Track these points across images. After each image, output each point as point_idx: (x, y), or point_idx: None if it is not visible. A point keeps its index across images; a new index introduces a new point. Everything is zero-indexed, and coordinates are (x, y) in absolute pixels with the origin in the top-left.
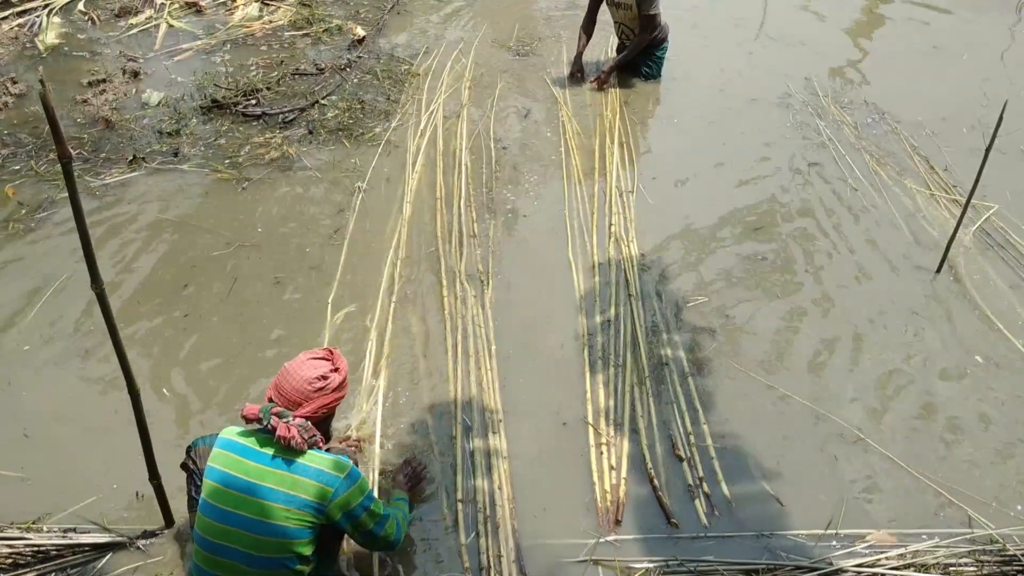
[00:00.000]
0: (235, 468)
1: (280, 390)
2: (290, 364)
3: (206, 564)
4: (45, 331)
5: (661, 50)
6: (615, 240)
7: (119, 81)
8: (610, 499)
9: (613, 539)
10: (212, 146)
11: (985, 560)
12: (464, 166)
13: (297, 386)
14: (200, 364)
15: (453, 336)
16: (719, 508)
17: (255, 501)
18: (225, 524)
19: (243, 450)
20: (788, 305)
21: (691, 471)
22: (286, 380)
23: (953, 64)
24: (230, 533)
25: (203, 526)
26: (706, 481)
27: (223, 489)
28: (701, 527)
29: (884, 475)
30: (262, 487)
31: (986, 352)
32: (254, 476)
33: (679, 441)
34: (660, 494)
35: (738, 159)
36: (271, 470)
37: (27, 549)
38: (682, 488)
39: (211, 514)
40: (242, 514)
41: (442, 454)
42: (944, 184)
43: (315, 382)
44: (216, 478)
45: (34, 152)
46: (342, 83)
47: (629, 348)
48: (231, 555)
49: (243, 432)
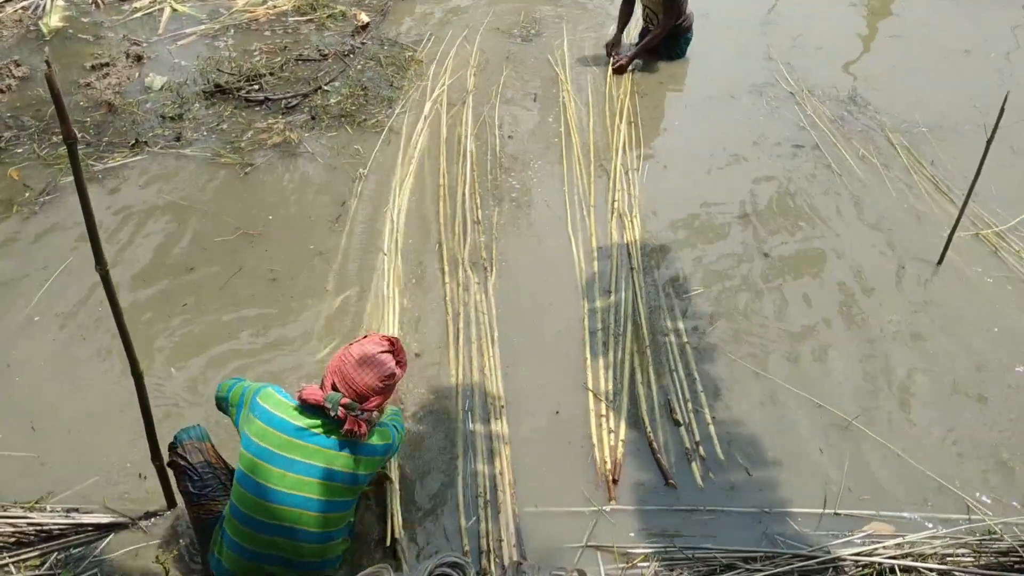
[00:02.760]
0: (292, 451)
1: (348, 381)
2: (358, 354)
3: (248, 541)
4: (49, 312)
5: (685, 40)
6: (619, 222)
7: (122, 65)
8: (609, 467)
9: (611, 508)
10: (215, 131)
11: (983, 551)
12: (469, 153)
13: (370, 383)
14: (199, 347)
15: (455, 322)
16: (714, 471)
17: (318, 483)
18: (282, 504)
19: (301, 433)
20: (789, 292)
21: (688, 435)
22: (356, 372)
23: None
24: (288, 512)
25: (250, 505)
26: (702, 445)
27: (278, 471)
28: (697, 490)
29: (878, 462)
30: (327, 469)
31: (988, 344)
32: (319, 460)
33: (677, 407)
34: (658, 455)
35: (745, 147)
36: (339, 454)
37: (30, 528)
38: (679, 453)
39: (262, 494)
40: (303, 495)
41: (445, 439)
42: (931, 176)
43: (386, 380)
44: (268, 458)
45: (37, 135)
46: (345, 69)
47: (631, 333)
48: (283, 533)
49: (299, 409)
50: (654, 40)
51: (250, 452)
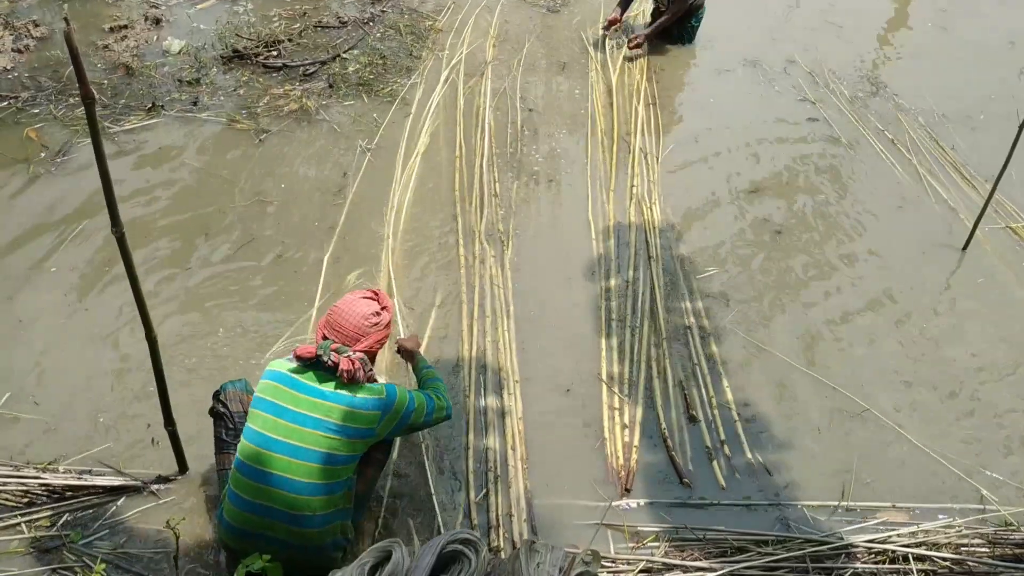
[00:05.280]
0: (285, 399)
1: (337, 327)
2: (342, 304)
3: (245, 490)
4: (63, 273)
5: (696, 18)
6: (637, 204)
7: (141, 28)
8: (621, 463)
9: (623, 505)
10: (231, 96)
11: (998, 541)
12: (488, 125)
13: (355, 322)
14: (213, 312)
15: (469, 295)
16: (739, 471)
17: (307, 431)
18: (272, 451)
19: (296, 384)
20: (807, 277)
21: (709, 433)
22: (342, 317)
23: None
24: (278, 460)
25: (247, 453)
26: (727, 444)
27: (272, 418)
28: (715, 489)
29: (897, 451)
30: (315, 418)
31: (1013, 331)
32: (308, 408)
33: (696, 403)
34: (673, 454)
35: (763, 131)
36: (328, 403)
37: (41, 489)
38: (698, 449)
39: (257, 440)
40: (294, 443)
41: (456, 413)
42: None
43: (371, 317)
44: (267, 409)
45: (54, 96)
46: (364, 37)
47: (647, 314)
48: (274, 482)
49: (296, 368)
50: (668, 21)
51: (252, 407)
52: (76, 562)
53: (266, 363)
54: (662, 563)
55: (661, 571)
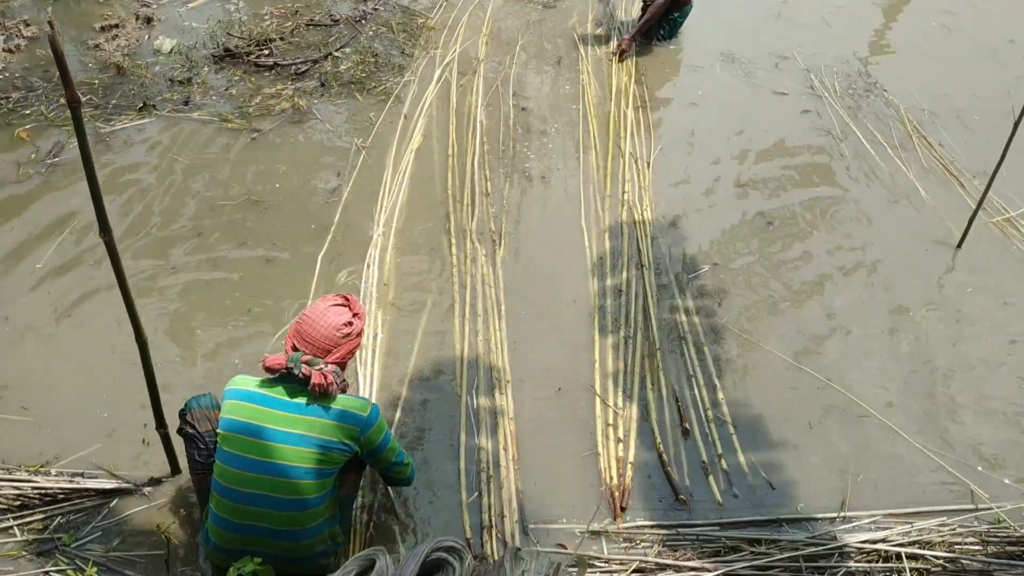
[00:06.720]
0: (260, 418)
1: (306, 338)
2: (311, 312)
3: (230, 514)
4: (54, 275)
5: (681, 14)
6: (629, 202)
7: (132, 27)
8: (615, 482)
9: (617, 527)
10: (223, 96)
11: (991, 540)
12: (480, 123)
13: (326, 333)
14: (205, 314)
15: (461, 294)
16: (735, 482)
17: (287, 449)
18: (253, 472)
19: (268, 400)
20: (801, 276)
21: (706, 447)
22: (312, 328)
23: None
24: (261, 481)
25: (228, 477)
26: (723, 455)
27: (248, 439)
28: (711, 503)
29: (891, 451)
30: (294, 435)
31: (1007, 327)
32: (285, 425)
33: (690, 411)
34: (669, 469)
35: (754, 132)
36: (305, 418)
37: (34, 492)
38: (694, 464)
39: (236, 464)
40: (272, 461)
41: (448, 414)
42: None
43: (343, 328)
44: (238, 429)
45: (45, 96)
46: (356, 35)
47: (640, 313)
48: (259, 502)
49: (264, 382)
50: (652, 19)
51: (223, 428)
52: (69, 565)
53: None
54: (655, 563)
55: (654, 571)
